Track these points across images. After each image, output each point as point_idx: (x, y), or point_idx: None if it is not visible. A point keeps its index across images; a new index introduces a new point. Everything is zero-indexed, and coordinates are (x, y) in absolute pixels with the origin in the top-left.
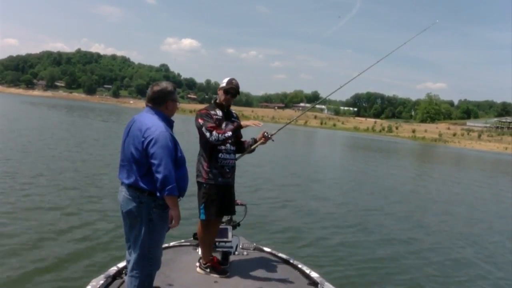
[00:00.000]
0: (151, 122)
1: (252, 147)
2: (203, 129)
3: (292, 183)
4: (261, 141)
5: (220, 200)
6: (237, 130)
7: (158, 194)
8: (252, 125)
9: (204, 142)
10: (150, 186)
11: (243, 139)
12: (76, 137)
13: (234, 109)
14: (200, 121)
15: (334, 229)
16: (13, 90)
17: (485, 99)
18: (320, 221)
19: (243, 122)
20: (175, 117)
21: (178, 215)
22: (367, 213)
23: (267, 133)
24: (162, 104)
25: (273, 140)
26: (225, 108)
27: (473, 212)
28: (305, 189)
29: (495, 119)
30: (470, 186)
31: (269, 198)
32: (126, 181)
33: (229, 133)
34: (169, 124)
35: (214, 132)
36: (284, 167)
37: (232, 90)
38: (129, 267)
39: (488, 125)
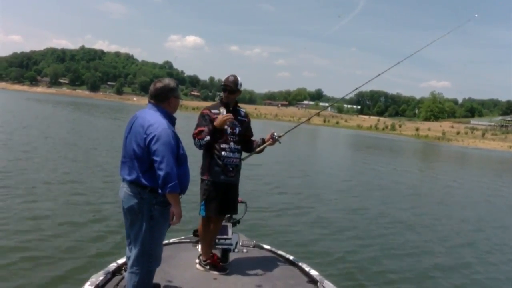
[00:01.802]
0: (153, 119)
1: (260, 148)
2: (194, 132)
3: (294, 181)
4: (269, 142)
5: (221, 197)
6: (214, 133)
7: (159, 191)
8: (226, 120)
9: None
10: (152, 182)
11: (253, 138)
12: (81, 134)
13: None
14: (197, 122)
15: (335, 227)
16: (17, 87)
17: (490, 98)
18: (321, 219)
19: (216, 122)
20: (178, 114)
21: (179, 212)
22: (368, 212)
23: (275, 134)
24: (165, 101)
25: (280, 142)
26: (230, 106)
27: (483, 214)
28: (307, 187)
29: (500, 117)
30: (479, 187)
31: (270, 196)
32: (128, 178)
33: (207, 138)
34: (172, 121)
35: (196, 139)
36: (286, 164)
37: (228, 86)
38: (129, 263)
39: (492, 123)
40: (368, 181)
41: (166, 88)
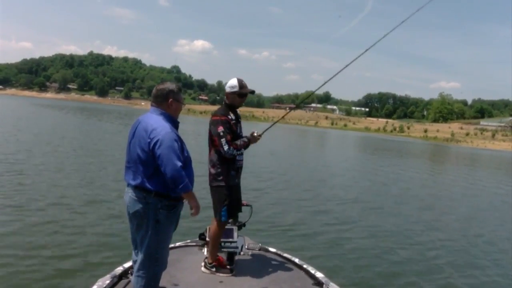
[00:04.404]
0: (156, 123)
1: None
2: (223, 140)
3: (299, 183)
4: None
5: (236, 200)
6: (247, 147)
7: (172, 194)
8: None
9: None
10: (157, 186)
11: None
12: (87, 139)
13: (245, 110)
14: (221, 128)
15: (340, 230)
16: (26, 93)
17: (500, 98)
18: (327, 222)
19: (253, 141)
20: (187, 119)
21: (196, 205)
22: (375, 214)
23: (255, 133)
24: (164, 103)
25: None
26: (235, 108)
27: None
28: (312, 189)
29: (510, 118)
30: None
31: (275, 199)
32: (133, 183)
33: (243, 150)
34: (174, 124)
35: (231, 147)
36: (291, 167)
37: (252, 93)
38: (136, 267)
39: (502, 124)
40: (379, 184)
41: (166, 90)
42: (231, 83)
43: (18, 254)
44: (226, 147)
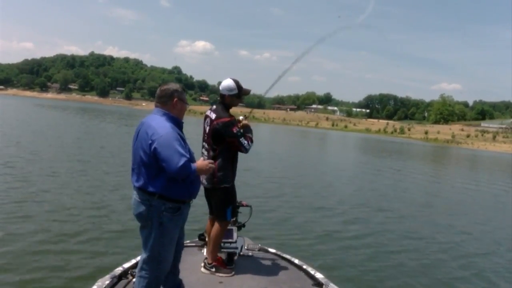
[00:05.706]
0: (158, 124)
1: None
2: (242, 139)
3: (299, 184)
4: None
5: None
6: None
7: (175, 196)
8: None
9: (236, 150)
10: (160, 189)
11: None
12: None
13: (246, 110)
14: (236, 129)
15: (341, 231)
16: (28, 93)
17: (501, 100)
18: (327, 223)
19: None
20: (186, 120)
21: (207, 170)
22: (375, 215)
23: (241, 118)
24: (169, 102)
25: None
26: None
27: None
28: (312, 190)
29: (511, 119)
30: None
31: (275, 199)
32: (136, 184)
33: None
34: (178, 125)
35: (249, 142)
36: (291, 167)
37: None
38: (138, 267)
39: (504, 126)
40: (379, 184)
41: (170, 89)
42: (229, 85)
43: (18, 256)
44: (245, 144)
